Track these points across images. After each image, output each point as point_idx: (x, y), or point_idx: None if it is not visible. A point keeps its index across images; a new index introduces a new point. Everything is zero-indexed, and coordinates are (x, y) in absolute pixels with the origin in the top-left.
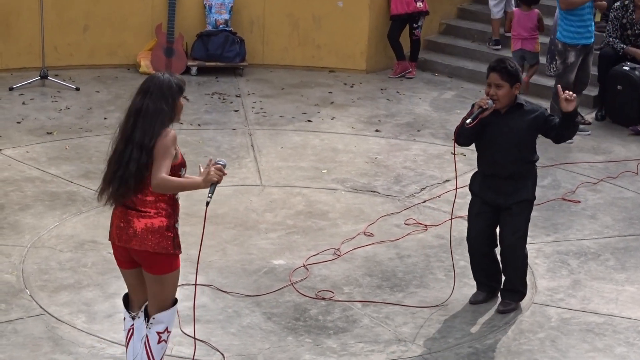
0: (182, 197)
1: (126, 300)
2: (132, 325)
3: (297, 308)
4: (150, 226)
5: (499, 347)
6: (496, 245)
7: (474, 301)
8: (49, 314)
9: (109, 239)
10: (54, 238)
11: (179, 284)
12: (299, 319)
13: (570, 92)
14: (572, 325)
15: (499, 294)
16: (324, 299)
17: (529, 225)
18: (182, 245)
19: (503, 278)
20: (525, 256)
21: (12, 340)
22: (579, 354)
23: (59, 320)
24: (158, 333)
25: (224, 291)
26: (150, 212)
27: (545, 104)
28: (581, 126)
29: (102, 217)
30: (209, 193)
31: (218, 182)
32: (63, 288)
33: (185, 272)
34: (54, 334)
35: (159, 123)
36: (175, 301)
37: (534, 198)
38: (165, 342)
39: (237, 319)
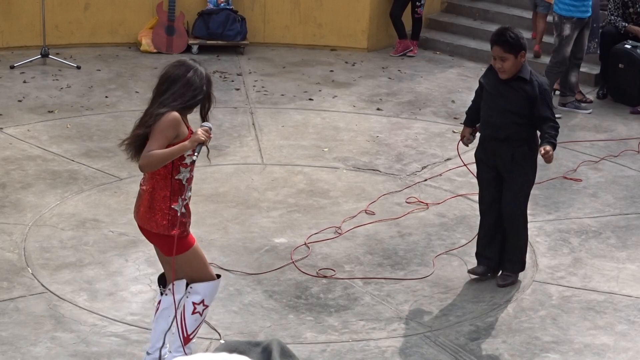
0: None
1: (161, 277)
2: (159, 300)
3: (298, 286)
4: (143, 202)
5: (499, 325)
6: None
7: (472, 271)
8: (50, 292)
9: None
10: (56, 216)
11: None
12: (300, 297)
13: (547, 150)
14: (572, 303)
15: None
16: (325, 277)
17: (529, 201)
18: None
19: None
20: (525, 221)
21: (13, 318)
22: (580, 332)
23: (61, 298)
24: (194, 303)
25: (225, 269)
26: (144, 188)
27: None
28: (582, 104)
29: (103, 196)
30: (196, 152)
31: (205, 142)
32: (65, 266)
33: None
34: (55, 312)
35: (175, 103)
36: (214, 275)
37: (535, 163)
38: (200, 314)
39: (239, 297)
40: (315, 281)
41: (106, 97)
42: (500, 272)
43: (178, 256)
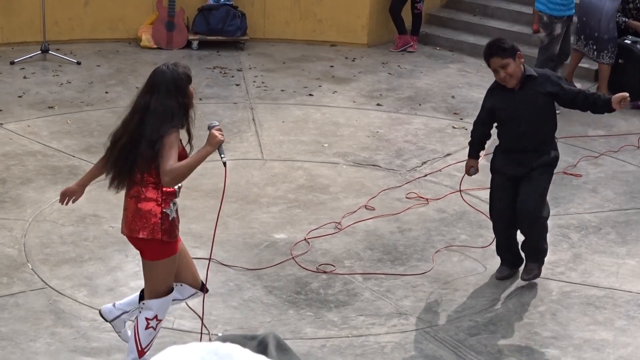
0: None
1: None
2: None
3: (298, 282)
4: (135, 209)
5: (499, 320)
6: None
7: (499, 277)
8: (50, 287)
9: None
10: (56, 212)
11: None
12: (300, 292)
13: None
14: (572, 299)
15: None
16: (325, 272)
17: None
18: (183, 220)
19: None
20: (545, 220)
21: (13, 313)
22: (580, 327)
23: (61, 293)
24: (147, 319)
25: (225, 265)
26: (137, 196)
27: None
28: None
29: (103, 191)
30: (221, 154)
31: (223, 141)
32: (65, 262)
33: (189, 246)
34: (55, 308)
35: (168, 120)
36: (170, 290)
37: (556, 163)
38: (154, 329)
39: (239, 293)
40: (315, 277)
41: (106, 92)
42: (525, 264)
43: (158, 262)
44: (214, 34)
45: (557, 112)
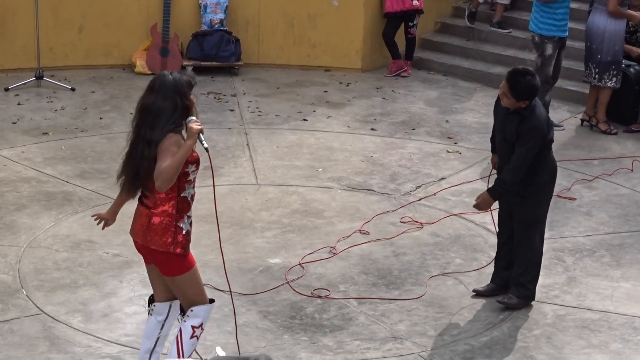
0: None
1: (152, 298)
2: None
3: (293, 306)
4: (150, 222)
5: (494, 344)
6: None
7: (477, 290)
8: (45, 313)
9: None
10: (50, 238)
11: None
12: (295, 317)
13: (477, 201)
14: (567, 322)
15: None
16: (319, 297)
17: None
18: None
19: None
20: (536, 248)
21: (8, 340)
22: (575, 351)
23: (55, 319)
24: (193, 327)
25: (220, 290)
26: (153, 208)
27: None
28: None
29: None
30: (202, 141)
31: (202, 129)
32: (59, 288)
33: None
34: (50, 334)
35: (163, 120)
36: (211, 300)
37: (541, 189)
38: (197, 338)
39: (233, 318)
40: (310, 301)
41: (100, 118)
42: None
43: (180, 277)
44: (208, 59)
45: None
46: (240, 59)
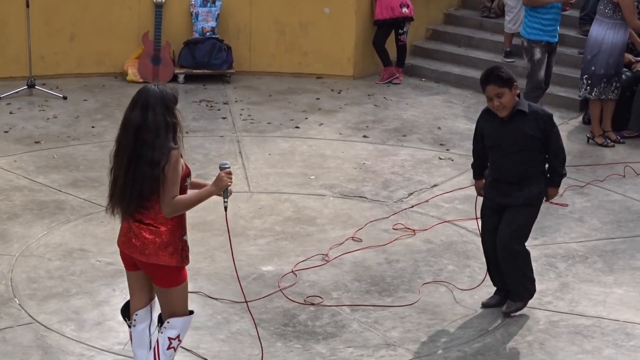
0: None
1: (124, 309)
2: (130, 332)
3: (286, 314)
4: (155, 239)
5: (487, 351)
6: None
7: (485, 304)
8: (38, 322)
9: (117, 244)
10: (43, 247)
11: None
12: (288, 324)
13: (550, 197)
14: (560, 328)
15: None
16: (312, 304)
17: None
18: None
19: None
20: (523, 255)
21: (1, 349)
22: (568, 356)
23: (48, 328)
24: (169, 338)
25: (213, 298)
26: (155, 225)
27: None
28: None
29: (90, 226)
30: (225, 198)
31: (229, 185)
32: (52, 296)
33: None
34: (43, 343)
35: (162, 138)
36: (190, 312)
37: (538, 200)
38: (175, 350)
39: (227, 326)
40: (303, 309)
41: (92, 127)
42: (508, 299)
43: (174, 288)
44: (200, 67)
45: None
46: (232, 66)
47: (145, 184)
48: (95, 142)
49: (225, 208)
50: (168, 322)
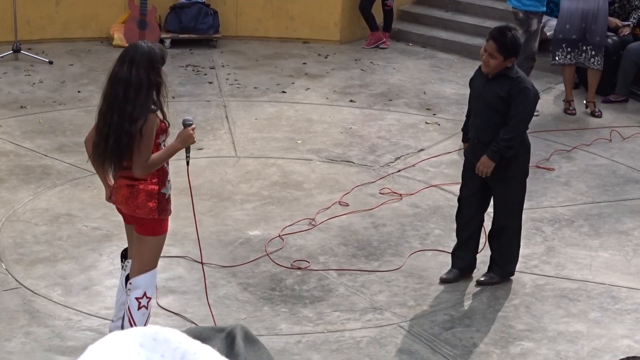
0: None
1: (125, 252)
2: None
3: (272, 278)
4: (137, 192)
5: (473, 314)
6: (484, 211)
7: (444, 278)
8: (24, 287)
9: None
10: (29, 212)
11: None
12: (274, 289)
13: (479, 166)
14: (546, 292)
15: (489, 264)
16: (299, 268)
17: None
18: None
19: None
20: (519, 232)
21: None
22: (554, 320)
23: (35, 293)
24: (137, 299)
25: (199, 262)
26: (137, 181)
27: None
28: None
29: (76, 190)
30: (187, 153)
31: (194, 142)
32: (38, 261)
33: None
34: (30, 307)
35: (149, 96)
36: (155, 266)
37: (527, 170)
38: (146, 308)
39: (214, 290)
40: (290, 273)
41: (79, 91)
42: (487, 271)
43: (152, 237)
44: (186, 32)
45: (536, 114)
46: (218, 31)
47: (123, 139)
48: (81, 107)
49: (187, 162)
50: (131, 283)
